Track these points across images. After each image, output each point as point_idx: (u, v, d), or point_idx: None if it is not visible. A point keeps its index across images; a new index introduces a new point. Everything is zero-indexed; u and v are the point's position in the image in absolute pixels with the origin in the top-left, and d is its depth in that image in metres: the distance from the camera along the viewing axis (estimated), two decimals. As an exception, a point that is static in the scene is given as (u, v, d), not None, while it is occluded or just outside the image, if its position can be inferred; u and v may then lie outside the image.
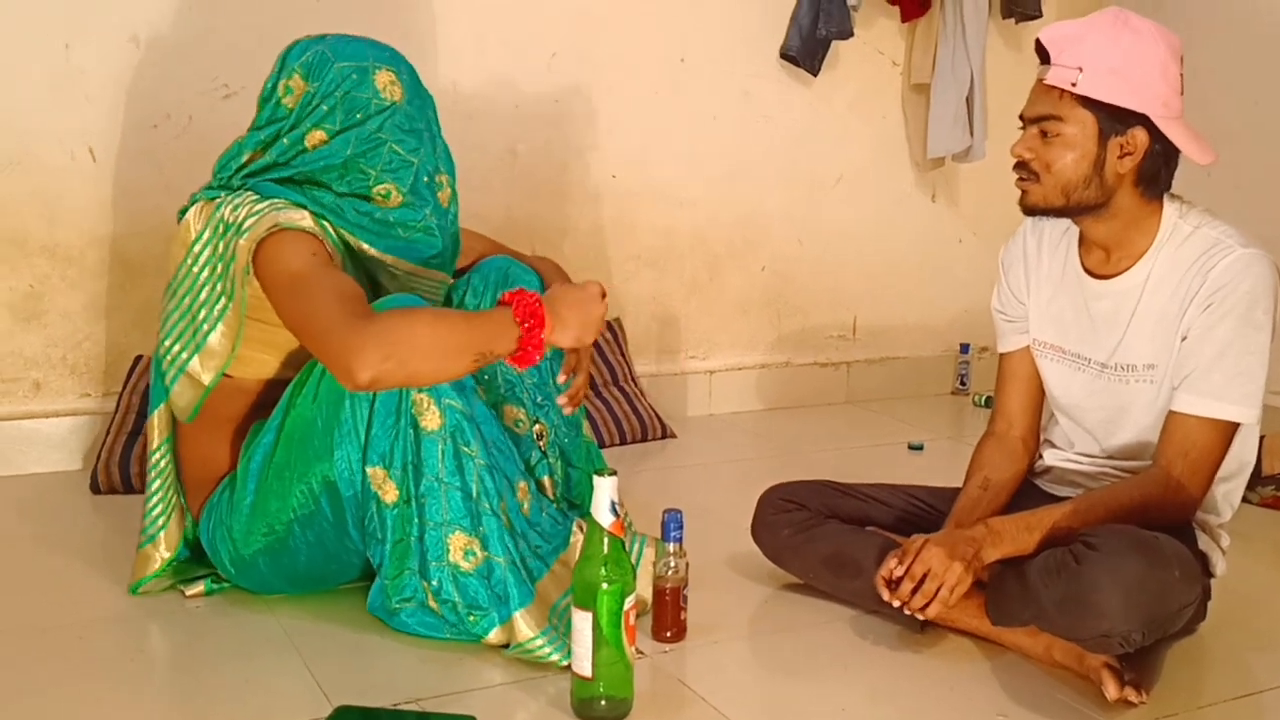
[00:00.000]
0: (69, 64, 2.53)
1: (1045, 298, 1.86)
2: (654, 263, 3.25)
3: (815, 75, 3.31)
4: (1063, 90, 1.65)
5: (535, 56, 3.00)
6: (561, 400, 1.90)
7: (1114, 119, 1.64)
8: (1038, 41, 1.70)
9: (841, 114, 3.47)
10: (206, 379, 1.76)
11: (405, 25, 2.82)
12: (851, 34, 3.25)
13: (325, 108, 1.76)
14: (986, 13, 3.44)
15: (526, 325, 1.63)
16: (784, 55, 3.29)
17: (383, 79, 1.79)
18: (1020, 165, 1.72)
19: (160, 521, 1.85)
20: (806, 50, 3.25)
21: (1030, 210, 1.74)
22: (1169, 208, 1.72)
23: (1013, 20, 3.56)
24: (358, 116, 1.77)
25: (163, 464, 1.85)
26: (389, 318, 1.57)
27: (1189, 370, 1.67)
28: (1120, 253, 1.74)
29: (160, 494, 1.86)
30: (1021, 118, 1.73)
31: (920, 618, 1.68)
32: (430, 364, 1.57)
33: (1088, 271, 1.79)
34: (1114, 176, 1.67)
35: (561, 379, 1.90)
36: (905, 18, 3.45)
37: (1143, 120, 1.64)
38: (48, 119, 2.53)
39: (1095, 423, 1.83)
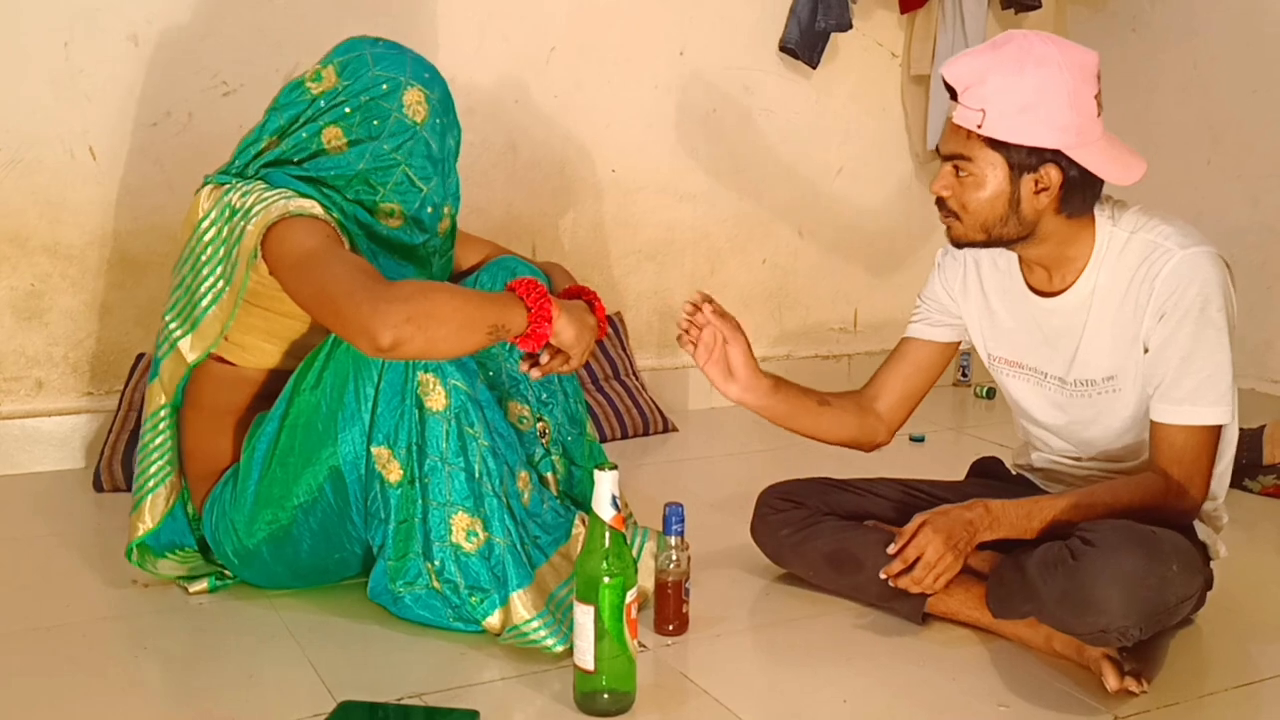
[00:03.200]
0: (69, 63, 2.53)
1: (990, 311, 1.84)
2: (654, 256, 3.26)
3: (814, 68, 3.31)
4: (969, 130, 1.62)
5: (535, 51, 3.00)
6: (527, 369, 1.82)
7: (1024, 156, 1.60)
8: (943, 77, 1.65)
9: (841, 106, 3.46)
10: (190, 358, 1.77)
11: (405, 21, 2.82)
12: (850, 26, 3.25)
13: (348, 109, 1.76)
14: (985, 3, 3.43)
15: (533, 301, 1.67)
16: (783, 48, 3.29)
17: (411, 97, 1.78)
18: (939, 202, 1.69)
19: (151, 484, 1.83)
20: (806, 43, 3.25)
21: (957, 245, 1.71)
22: (1100, 217, 1.69)
23: (1012, 11, 3.55)
24: (375, 125, 1.76)
25: (162, 425, 1.84)
26: (410, 285, 1.61)
27: (1159, 380, 1.66)
28: (1061, 270, 1.72)
29: (157, 454, 1.83)
30: (937, 152, 1.70)
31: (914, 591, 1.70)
32: (448, 331, 1.59)
33: (1033, 289, 1.77)
34: (1032, 211, 1.64)
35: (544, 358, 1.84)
36: (904, 9, 3.45)
37: (1055, 153, 1.59)
38: (48, 118, 2.53)
39: (1066, 434, 1.82)
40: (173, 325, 1.79)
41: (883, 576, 1.71)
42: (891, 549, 1.71)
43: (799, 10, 3.23)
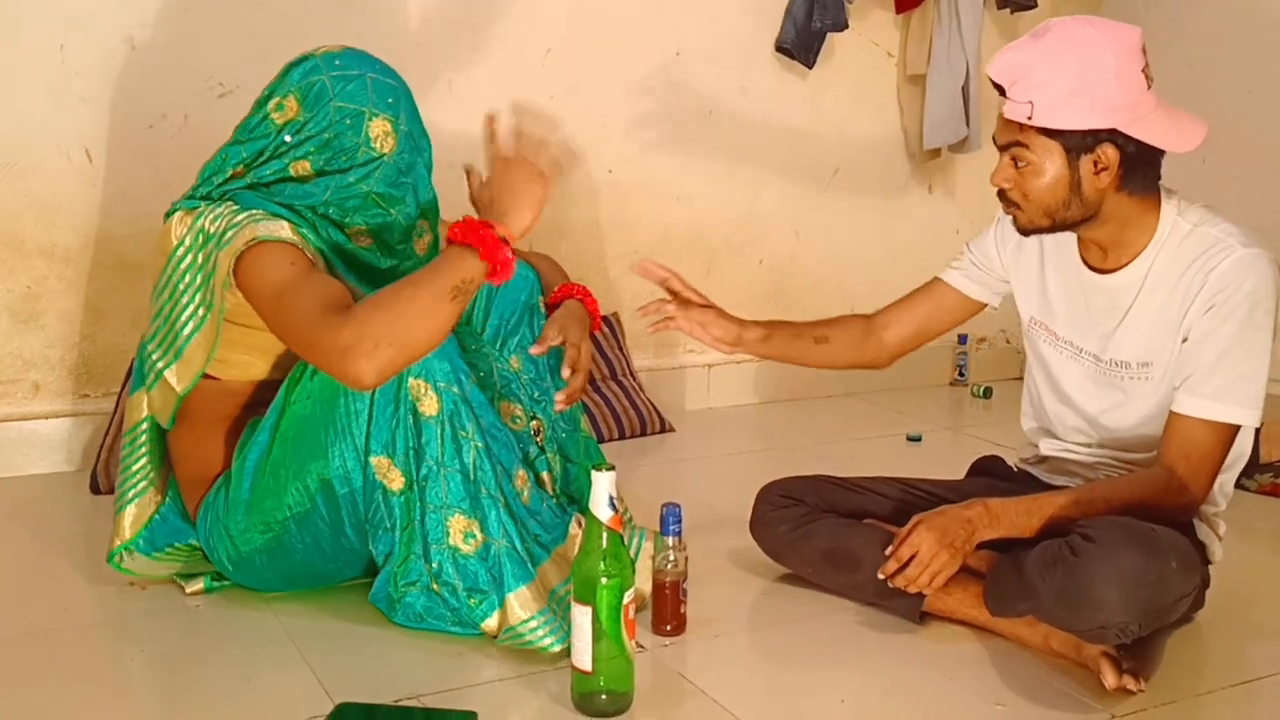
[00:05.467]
0: (64, 66, 2.53)
1: (1042, 277, 1.85)
2: (651, 257, 3.22)
3: (810, 68, 3.31)
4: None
5: (530, 53, 3.00)
6: (559, 398, 1.89)
7: (1079, 139, 1.62)
8: (989, 76, 1.67)
9: (837, 106, 3.46)
10: (180, 387, 1.76)
11: (399, 23, 2.82)
12: (846, 26, 3.25)
13: (312, 148, 1.75)
14: (981, 3, 3.43)
15: (471, 235, 1.60)
16: (779, 48, 3.29)
17: (377, 128, 1.76)
18: (1001, 194, 1.71)
19: (130, 495, 1.84)
20: (801, 43, 3.25)
21: (1025, 233, 1.73)
22: (1167, 205, 1.71)
23: (1007, 10, 3.56)
24: (342, 161, 1.75)
25: (142, 439, 1.84)
26: (359, 311, 1.54)
27: (1190, 372, 1.66)
28: (1118, 250, 1.73)
29: (139, 466, 1.84)
30: (995, 142, 1.71)
31: (911, 591, 1.70)
32: (417, 327, 1.54)
33: (1086, 264, 1.79)
34: (1094, 192, 1.65)
35: (565, 374, 1.89)
36: (900, 9, 3.45)
37: (1111, 132, 1.61)
38: (44, 121, 2.53)
39: (1090, 412, 1.83)
40: (155, 355, 1.78)
41: (880, 577, 1.71)
42: (888, 550, 1.71)
43: (795, 10, 3.23)
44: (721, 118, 3.28)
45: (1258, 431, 2.58)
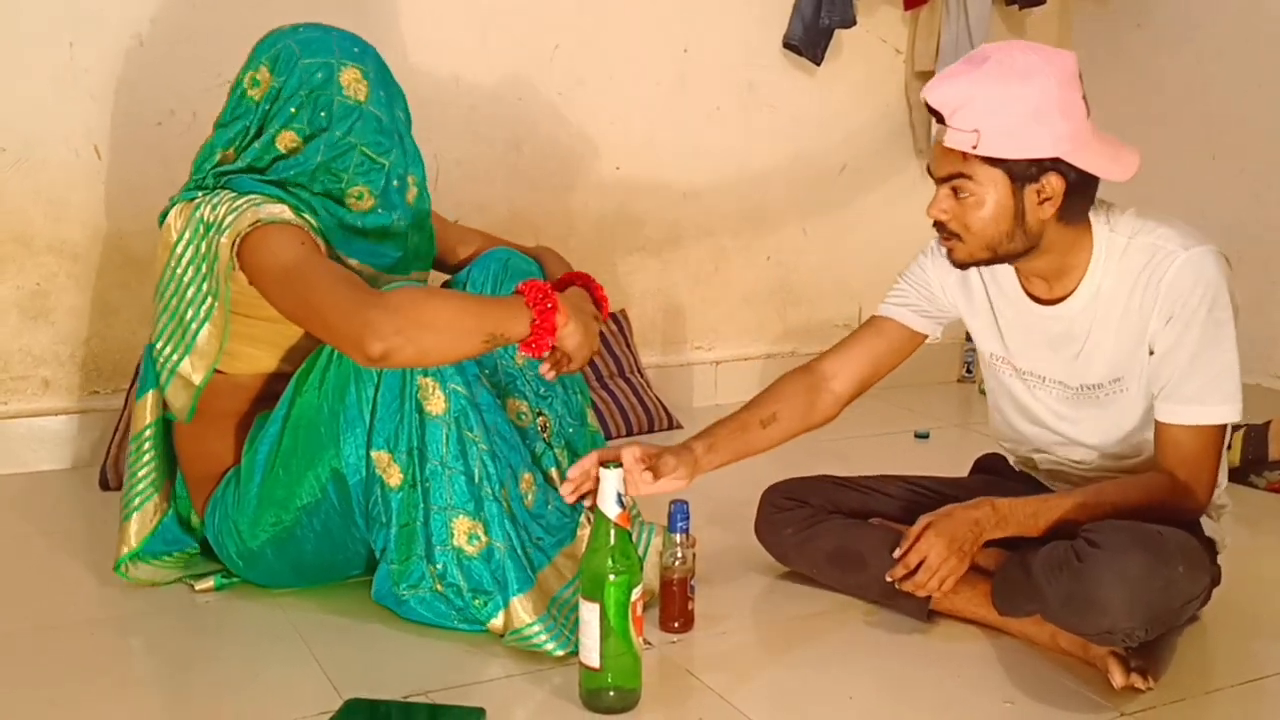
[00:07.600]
0: (73, 62, 2.54)
1: (994, 312, 1.82)
2: (658, 254, 3.25)
3: (818, 64, 3.31)
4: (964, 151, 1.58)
5: (538, 48, 3.00)
6: (544, 368, 1.82)
7: (1025, 168, 1.57)
8: (925, 102, 1.61)
9: (845, 103, 3.46)
10: (197, 379, 1.77)
11: (407, 18, 2.82)
12: (854, 22, 3.24)
13: (292, 109, 1.76)
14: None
15: (540, 310, 1.66)
16: (787, 44, 3.29)
17: (348, 77, 1.78)
18: (938, 225, 1.66)
19: (136, 502, 1.85)
20: (809, 39, 3.25)
21: (961, 266, 1.68)
22: (1095, 222, 1.67)
23: (1016, 6, 3.55)
24: (323, 117, 1.76)
25: (147, 445, 1.86)
26: (401, 294, 1.60)
27: (1165, 381, 1.65)
28: (1062, 279, 1.70)
29: (145, 472, 1.85)
30: (930, 174, 1.66)
31: (920, 595, 1.70)
32: (441, 341, 1.58)
33: (1030, 297, 1.75)
34: (1037, 223, 1.61)
35: (543, 370, 1.84)
36: (908, 5, 3.44)
37: (1055, 161, 1.57)
38: (52, 117, 2.54)
39: (1068, 433, 1.81)
40: (167, 350, 1.78)
41: (888, 580, 1.71)
42: (896, 554, 1.70)
43: (802, 7, 3.23)
44: (729, 114, 3.28)
45: (1266, 428, 2.58)
